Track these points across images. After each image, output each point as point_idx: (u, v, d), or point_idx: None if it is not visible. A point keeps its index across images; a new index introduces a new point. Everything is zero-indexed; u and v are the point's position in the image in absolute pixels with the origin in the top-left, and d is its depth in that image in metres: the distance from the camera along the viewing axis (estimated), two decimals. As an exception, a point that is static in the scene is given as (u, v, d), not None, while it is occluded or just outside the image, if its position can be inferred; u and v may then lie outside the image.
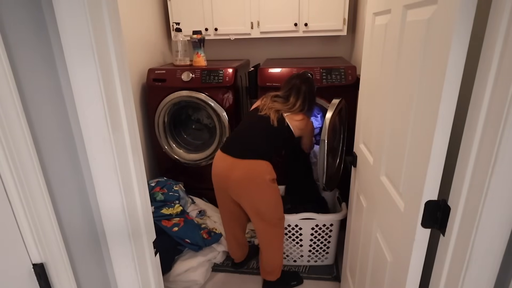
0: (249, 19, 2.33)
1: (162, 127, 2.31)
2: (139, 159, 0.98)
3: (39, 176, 0.73)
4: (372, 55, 1.33)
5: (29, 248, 0.72)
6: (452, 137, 0.76)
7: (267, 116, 1.68)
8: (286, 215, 1.93)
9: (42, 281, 0.75)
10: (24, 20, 0.72)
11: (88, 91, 0.80)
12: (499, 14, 0.60)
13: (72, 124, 0.86)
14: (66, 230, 0.85)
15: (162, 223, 1.91)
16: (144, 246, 1.03)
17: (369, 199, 1.39)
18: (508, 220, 0.66)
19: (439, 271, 0.82)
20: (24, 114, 0.69)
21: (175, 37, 2.31)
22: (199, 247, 1.98)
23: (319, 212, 1.94)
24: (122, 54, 0.86)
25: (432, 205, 0.82)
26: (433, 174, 0.80)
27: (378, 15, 1.26)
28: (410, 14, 0.94)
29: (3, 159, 0.64)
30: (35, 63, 0.75)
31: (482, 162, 0.65)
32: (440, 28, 0.74)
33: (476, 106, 0.67)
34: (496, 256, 0.69)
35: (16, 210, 0.68)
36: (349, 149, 2.03)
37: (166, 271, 1.86)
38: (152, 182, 2.19)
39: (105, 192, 0.91)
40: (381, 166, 1.18)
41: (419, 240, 0.87)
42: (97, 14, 0.77)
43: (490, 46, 0.62)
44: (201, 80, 2.14)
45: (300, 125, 1.72)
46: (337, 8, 2.21)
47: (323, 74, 2.00)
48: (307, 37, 2.59)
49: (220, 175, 1.68)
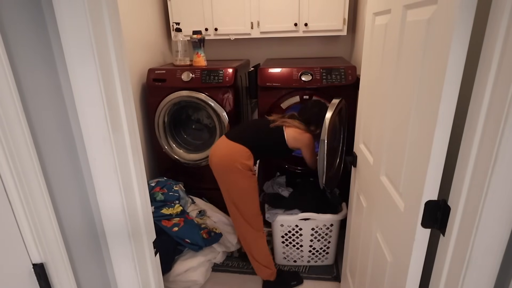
0: (249, 19, 2.33)
1: (162, 127, 2.31)
2: (139, 159, 0.98)
3: (39, 176, 0.73)
4: (372, 55, 1.33)
5: (29, 248, 0.72)
6: (452, 137, 0.76)
7: (273, 120, 1.79)
8: (286, 216, 1.93)
9: (42, 281, 0.75)
10: (24, 20, 0.72)
11: (88, 91, 0.80)
12: (499, 14, 0.60)
13: (72, 124, 0.86)
14: (66, 230, 0.85)
15: (162, 223, 1.91)
16: (144, 246, 1.03)
17: (369, 199, 1.38)
18: (508, 220, 0.65)
19: (439, 271, 0.82)
20: (24, 114, 0.69)
21: (175, 37, 2.31)
22: (199, 247, 1.98)
23: (321, 211, 1.93)
24: (122, 54, 0.86)
25: (432, 205, 0.82)
26: (433, 174, 0.80)
27: (378, 15, 1.26)
28: (410, 14, 0.94)
29: (3, 159, 0.64)
30: (35, 62, 0.75)
31: (482, 162, 0.65)
32: (440, 28, 0.74)
33: (476, 106, 0.67)
34: (496, 256, 0.69)
35: (16, 210, 0.68)
36: (349, 149, 2.04)
37: (166, 271, 1.86)
38: (152, 182, 2.19)
39: (105, 192, 0.90)
40: (381, 166, 1.18)
41: (419, 240, 0.87)
42: (97, 13, 0.77)
43: (490, 46, 0.62)
44: (201, 80, 2.13)
45: (294, 134, 1.77)
46: (337, 8, 2.21)
47: (323, 74, 2.00)
48: (307, 37, 2.59)
49: (211, 156, 1.79)
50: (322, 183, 1.69)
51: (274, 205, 2.02)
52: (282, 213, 1.97)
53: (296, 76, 2.02)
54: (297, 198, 2.01)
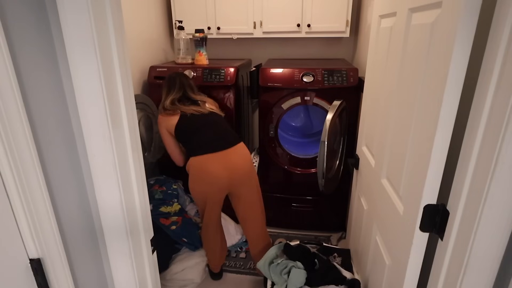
0: (252, 19, 2.33)
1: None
2: (138, 156, 0.97)
3: (38, 172, 0.72)
4: (377, 58, 1.33)
5: (26, 243, 0.72)
6: (452, 142, 0.76)
7: (210, 109, 1.81)
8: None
9: (39, 276, 0.74)
10: (26, 15, 0.72)
11: (89, 88, 0.80)
12: (502, 19, 0.60)
13: (72, 120, 0.86)
14: (64, 225, 0.85)
15: (160, 221, 1.91)
16: (141, 244, 1.03)
17: (369, 202, 1.38)
18: (507, 225, 0.65)
19: (436, 275, 0.82)
20: (25, 109, 0.69)
21: (178, 35, 2.31)
22: (196, 246, 1.98)
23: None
24: (124, 51, 0.86)
25: (431, 209, 0.82)
26: (433, 178, 0.80)
27: (383, 18, 1.26)
28: (414, 17, 0.94)
29: (2, 153, 0.64)
30: (37, 58, 0.75)
31: (482, 168, 0.65)
32: (443, 32, 0.74)
33: (477, 112, 0.66)
34: (494, 261, 0.69)
35: (14, 205, 0.68)
36: (350, 151, 2.03)
37: (163, 269, 1.86)
38: (151, 180, 2.18)
39: (104, 189, 0.90)
40: (382, 169, 1.18)
41: (417, 244, 0.87)
42: (100, 10, 0.77)
43: (492, 52, 0.62)
44: (203, 79, 2.13)
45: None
46: (340, 10, 2.21)
47: (325, 76, 2.00)
48: (309, 38, 2.58)
49: (221, 174, 1.66)
50: (321, 185, 1.69)
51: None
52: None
53: (297, 77, 2.02)
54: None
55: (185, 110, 1.74)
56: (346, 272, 1.53)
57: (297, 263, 1.55)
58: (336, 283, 1.45)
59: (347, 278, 1.47)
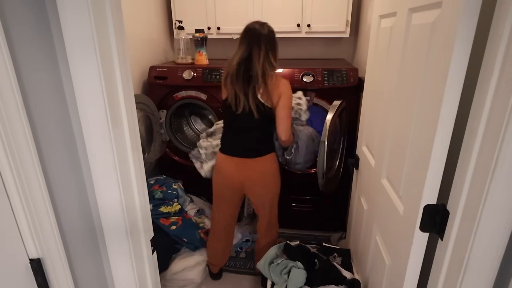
0: (252, 19, 2.32)
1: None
2: (138, 156, 0.97)
3: (38, 172, 0.72)
4: (377, 58, 1.33)
5: (26, 243, 0.72)
6: (452, 142, 0.76)
7: (248, 111, 1.55)
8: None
9: (39, 276, 0.74)
10: (26, 15, 0.72)
11: (89, 88, 0.80)
12: (502, 19, 0.60)
13: (72, 120, 0.86)
14: (64, 225, 0.85)
15: (160, 221, 1.91)
16: (141, 244, 1.03)
17: (370, 202, 1.38)
18: (507, 225, 0.65)
19: (436, 275, 0.82)
20: (25, 109, 0.68)
21: (178, 35, 2.31)
22: (196, 246, 1.98)
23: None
24: (124, 51, 0.86)
25: (431, 209, 0.82)
26: (433, 178, 0.80)
27: (383, 18, 1.26)
28: (414, 17, 0.94)
29: (2, 153, 0.64)
30: (37, 58, 0.75)
31: (482, 168, 0.65)
32: (443, 32, 0.74)
33: (477, 112, 0.66)
34: (494, 261, 0.69)
35: (14, 204, 0.68)
36: (350, 151, 2.03)
37: (163, 269, 1.86)
38: (151, 180, 2.18)
39: (104, 189, 0.90)
40: (382, 169, 1.18)
41: (416, 244, 0.87)
42: (100, 10, 0.77)
43: (492, 52, 0.62)
44: (203, 79, 2.13)
45: (275, 86, 1.56)
46: (340, 10, 2.21)
47: (325, 76, 2.00)
48: (309, 38, 2.58)
49: (234, 177, 1.70)
50: (321, 185, 1.69)
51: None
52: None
53: (297, 77, 2.02)
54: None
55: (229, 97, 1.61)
56: (346, 272, 1.53)
57: (297, 263, 1.55)
58: (336, 283, 1.46)
59: (347, 278, 1.48)
